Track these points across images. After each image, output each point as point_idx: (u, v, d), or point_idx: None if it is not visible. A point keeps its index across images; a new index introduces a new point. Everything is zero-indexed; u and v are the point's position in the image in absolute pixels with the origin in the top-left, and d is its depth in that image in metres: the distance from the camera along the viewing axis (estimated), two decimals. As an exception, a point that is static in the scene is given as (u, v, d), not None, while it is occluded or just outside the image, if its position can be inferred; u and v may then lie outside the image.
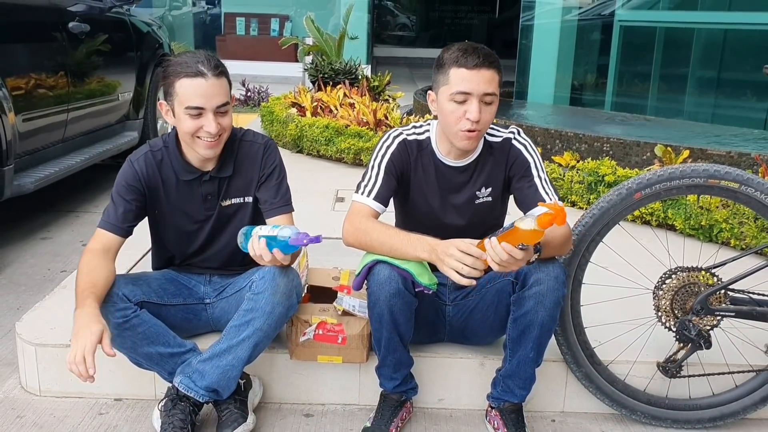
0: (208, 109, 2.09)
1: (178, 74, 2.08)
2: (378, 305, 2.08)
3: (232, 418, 2.18)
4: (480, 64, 2.05)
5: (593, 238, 2.26)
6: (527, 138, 2.25)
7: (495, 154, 2.22)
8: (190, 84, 2.07)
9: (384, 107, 5.95)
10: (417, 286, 2.06)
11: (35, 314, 2.62)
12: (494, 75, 2.07)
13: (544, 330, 2.09)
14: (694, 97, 6.99)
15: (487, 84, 2.06)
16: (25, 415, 2.34)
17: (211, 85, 2.08)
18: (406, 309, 2.09)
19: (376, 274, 2.07)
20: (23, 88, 3.81)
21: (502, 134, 2.25)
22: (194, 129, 2.10)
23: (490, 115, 2.10)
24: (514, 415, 2.24)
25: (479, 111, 2.06)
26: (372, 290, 2.08)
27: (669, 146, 4.54)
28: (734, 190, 2.20)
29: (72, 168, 4.28)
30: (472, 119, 2.06)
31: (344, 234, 2.17)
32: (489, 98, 2.07)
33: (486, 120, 2.09)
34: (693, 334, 2.22)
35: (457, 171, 2.23)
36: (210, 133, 2.10)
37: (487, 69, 2.06)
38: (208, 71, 2.08)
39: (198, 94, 2.08)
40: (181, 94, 2.08)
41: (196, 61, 2.08)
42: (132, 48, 5.46)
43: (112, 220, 2.19)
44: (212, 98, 2.09)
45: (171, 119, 2.16)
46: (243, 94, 8.92)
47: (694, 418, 2.37)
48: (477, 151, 2.22)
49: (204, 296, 2.39)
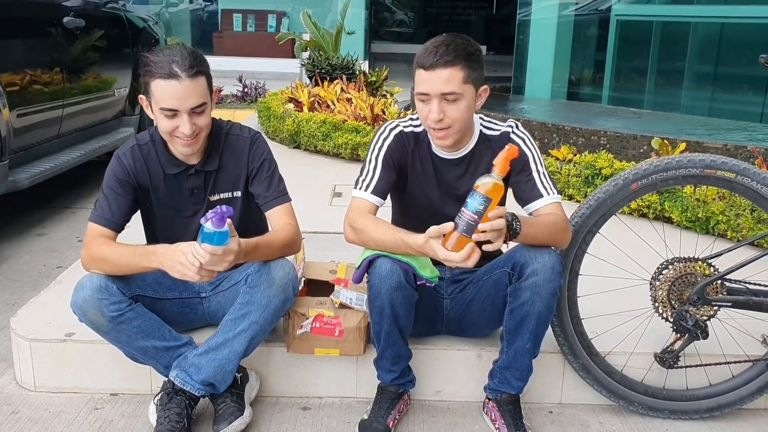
0: (182, 111, 2.06)
1: (152, 75, 2.05)
2: (379, 298, 2.07)
3: (228, 411, 2.17)
4: (435, 65, 2.01)
5: (590, 229, 2.26)
6: (525, 132, 2.24)
7: (492, 147, 2.20)
8: (164, 86, 2.04)
9: (381, 102, 5.94)
10: (419, 279, 2.06)
11: (30, 309, 2.61)
12: (454, 73, 2.01)
13: (540, 321, 2.09)
14: (690, 90, 6.99)
15: (443, 84, 2.01)
16: (21, 410, 2.34)
17: (185, 88, 2.04)
18: (407, 302, 2.09)
19: (378, 268, 2.06)
20: (18, 83, 3.80)
21: (500, 128, 2.23)
22: (170, 129, 2.09)
23: (457, 111, 2.05)
24: (511, 407, 2.23)
25: (439, 111, 2.04)
26: (373, 283, 2.08)
27: (666, 139, 4.54)
28: (730, 180, 2.20)
29: (67, 164, 4.27)
30: (433, 119, 2.05)
31: (345, 231, 2.17)
32: (451, 96, 2.03)
33: (454, 117, 2.06)
34: (690, 325, 2.22)
35: (451, 164, 2.23)
36: (185, 134, 2.08)
37: (444, 68, 2.00)
38: (182, 72, 2.03)
39: (171, 97, 2.04)
40: (155, 95, 2.06)
41: (170, 62, 2.03)
42: (128, 44, 5.45)
43: (107, 215, 2.18)
44: (186, 100, 2.05)
45: (151, 114, 2.15)
46: (240, 90, 8.90)
47: (691, 408, 2.37)
48: (471, 144, 2.21)
49: (200, 290, 2.38)
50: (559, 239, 2.13)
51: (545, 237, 2.06)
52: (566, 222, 2.13)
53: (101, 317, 2.09)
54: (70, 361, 2.41)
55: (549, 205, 2.13)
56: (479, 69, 2.07)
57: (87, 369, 2.42)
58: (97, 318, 2.09)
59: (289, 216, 2.25)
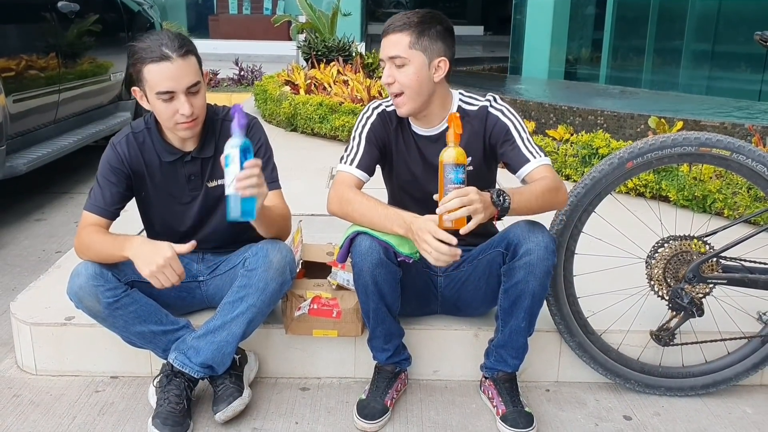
0: (179, 91, 2.06)
1: (143, 60, 2.05)
2: (362, 276, 2.09)
3: (227, 392, 2.19)
4: (386, 30, 2.14)
5: (585, 209, 2.26)
6: (504, 104, 2.24)
7: (471, 122, 2.21)
8: (157, 69, 2.04)
9: (378, 84, 5.92)
10: (399, 255, 2.07)
11: (30, 294, 2.62)
12: (401, 38, 2.10)
13: (535, 299, 2.10)
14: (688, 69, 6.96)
15: (391, 47, 2.11)
16: (22, 394, 2.36)
17: (178, 67, 2.05)
18: (390, 278, 2.10)
19: (358, 246, 2.08)
20: (13, 69, 3.79)
21: (478, 102, 2.24)
22: (170, 113, 2.09)
23: (405, 77, 2.12)
24: (508, 384, 2.25)
25: (388, 75, 2.15)
26: (355, 261, 2.10)
27: (663, 118, 4.53)
28: (726, 157, 2.20)
29: (65, 149, 4.27)
30: (382, 82, 2.16)
31: (328, 202, 2.19)
32: (398, 61, 2.11)
33: (402, 82, 2.12)
34: (685, 302, 2.23)
35: (429, 141, 2.24)
36: (185, 115, 2.09)
37: (393, 33, 2.12)
38: (173, 53, 2.04)
39: (166, 78, 2.05)
40: (149, 80, 2.06)
41: (160, 45, 2.04)
42: (123, 28, 5.42)
43: (99, 203, 2.19)
44: (181, 80, 2.06)
45: (146, 104, 2.15)
46: (236, 74, 8.87)
47: (687, 385, 2.38)
48: (445, 119, 2.21)
49: (197, 274, 2.39)
50: (555, 202, 2.12)
51: (540, 203, 2.06)
52: (559, 182, 2.12)
53: (97, 304, 2.10)
54: (70, 345, 2.43)
55: (538, 168, 2.13)
56: (435, 40, 2.12)
57: (87, 352, 2.43)
58: (94, 305, 2.11)
59: (281, 201, 2.27)
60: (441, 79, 2.15)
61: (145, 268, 2.00)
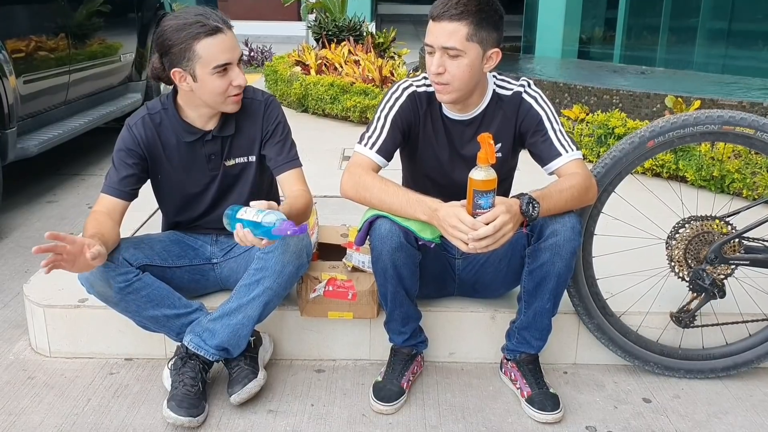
0: (233, 62, 2.06)
1: (197, 36, 1.99)
2: (381, 260, 2.05)
3: (242, 374, 2.17)
4: (441, 16, 1.95)
5: (605, 188, 2.22)
6: (538, 90, 2.17)
7: (504, 107, 2.15)
8: (212, 42, 2.00)
9: (390, 64, 5.87)
10: (419, 239, 2.03)
11: (43, 276, 2.61)
12: (458, 27, 1.94)
13: (560, 281, 2.07)
14: (704, 47, 6.87)
15: (446, 37, 1.95)
16: (36, 376, 2.35)
17: (231, 38, 2.05)
18: (410, 262, 2.07)
19: (378, 229, 2.03)
20: (23, 50, 3.77)
21: (512, 87, 2.17)
22: (224, 88, 2.06)
23: (458, 68, 1.99)
24: (531, 366, 2.22)
25: (438, 64, 1.99)
26: (374, 245, 2.05)
27: (680, 97, 4.47)
28: (749, 136, 2.15)
29: (75, 131, 4.25)
30: (432, 71, 2.01)
31: (342, 185, 2.11)
32: (452, 52, 1.97)
33: (453, 73, 1.99)
34: (707, 284, 2.19)
35: (462, 125, 2.18)
36: (240, 86, 2.08)
37: (449, 21, 1.94)
38: (223, 25, 2.03)
39: (223, 50, 2.02)
40: (204, 56, 2.01)
41: (208, 18, 2.01)
42: (132, 8, 5.38)
43: (115, 185, 2.16)
44: (234, 51, 2.06)
45: (188, 85, 2.07)
46: (246, 55, 8.83)
47: (707, 367, 2.35)
48: (483, 104, 2.15)
49: (211, 256, 2.37)
50: (585, 199, 2.07)
51: (570, 203, 2.01)
52: (590, 179, 2.07)
53: (108, 288, 2.08)
54: (84, 327, 2.42)
55: (569, 163, 2.07)
56: (491, 30, 2.00)
57: (101, 334, 2.42)
58: (105, 290, 2.09)
59: (301, 182, 2.21)
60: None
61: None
